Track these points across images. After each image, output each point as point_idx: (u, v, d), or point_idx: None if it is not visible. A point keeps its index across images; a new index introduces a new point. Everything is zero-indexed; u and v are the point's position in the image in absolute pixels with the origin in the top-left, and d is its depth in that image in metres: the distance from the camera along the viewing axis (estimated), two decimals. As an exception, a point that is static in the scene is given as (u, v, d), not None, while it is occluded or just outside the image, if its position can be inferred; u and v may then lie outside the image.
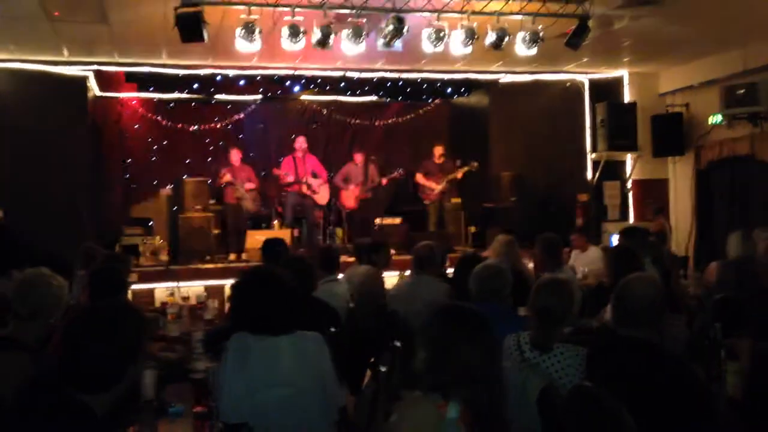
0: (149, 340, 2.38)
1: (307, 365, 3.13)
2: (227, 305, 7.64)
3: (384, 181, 10.83)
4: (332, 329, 4.51)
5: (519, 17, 7.15)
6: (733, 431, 3.14)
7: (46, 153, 9.12)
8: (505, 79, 10.96)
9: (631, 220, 10.89)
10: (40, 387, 2.21)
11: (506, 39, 7.17)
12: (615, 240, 8.50)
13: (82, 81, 9.70)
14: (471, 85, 11.68)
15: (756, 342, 3.48)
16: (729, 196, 9.76)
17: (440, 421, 2.14)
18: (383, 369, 3.81)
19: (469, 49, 7.24)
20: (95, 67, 9.65)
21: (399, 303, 5.48)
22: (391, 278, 7.62)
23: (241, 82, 10.60)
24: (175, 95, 10.98)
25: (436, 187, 10.58)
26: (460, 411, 2.16)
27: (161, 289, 8.52)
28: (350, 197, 10.64)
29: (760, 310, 4.11)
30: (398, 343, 4.15)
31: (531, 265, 7.72)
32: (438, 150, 10.83)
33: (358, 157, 10.76)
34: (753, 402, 3.13)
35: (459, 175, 10.63)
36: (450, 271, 6.63)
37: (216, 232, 10.11)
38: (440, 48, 7.15)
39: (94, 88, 10.35)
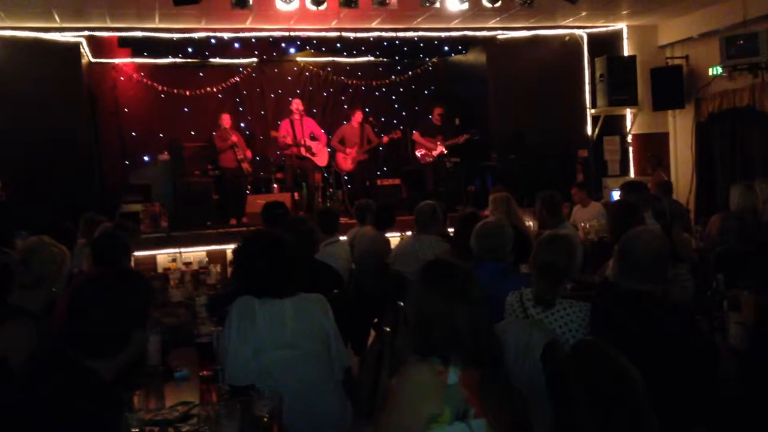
0: (154, 306, 2.37)
1: (311, 327, 3.14)
2: (229, 270, 7.69)
3: (385, 138, 10.77)
4: (335, 291, 4.52)
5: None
6: (735, 381, 3.16)
7: (43, 121, 9.06)
8: (503, 35, 10.84)
9: (632, 174, 10.86)
10: (47, 354, 2.21)
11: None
12: (616, 195, 8.51)
13: (75, 47, 9.59)
14: (468, 43, 11.54)
15: (759, 294, 3.49)
16: (730, 148, 9.71)
17: (443, 387, 2.12)
18: (387, 329, 3.82)
19: (465, 5, 7.15)
20: (87, 33, 9.54)
21: (401, 263, 5.49)
22: (393, 239, 7.64)
23: (236, 45, 10.47)
24: (170, 60, 10.86)
25: (434, 147, 10.51)
26: (459, 376, 2.14)
27: (163, 256, 8.54)
28: (347, 159, 10.58)
29: (762, 262, 4.12)
30: (401, 303, 4.16)
31: (532, 223, 7.73)
32: (438, 110, 10.74)
33: (356, 118, 10.68)
34: (756, 354, 3.14)
35: (460, 141, 10.57)
36: (451, 230, 6.64)
37: (215, 197, 10.09)
38: (437, 4, 7.05)
39: (87, 55, 10.24)
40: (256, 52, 11.13)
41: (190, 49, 10.38)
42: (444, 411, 2.10)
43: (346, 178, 11.03)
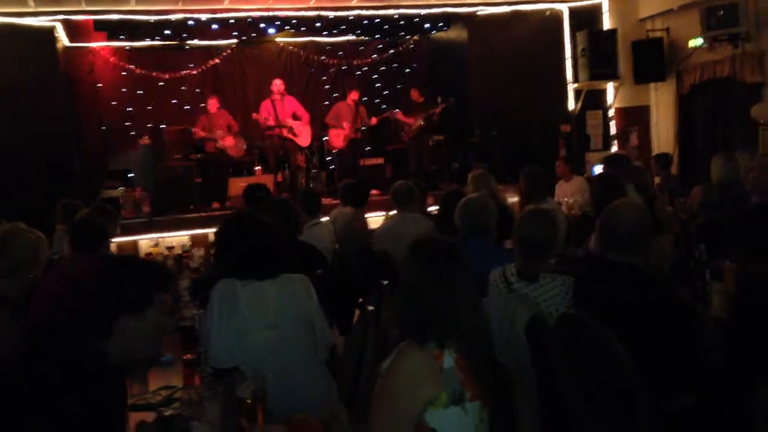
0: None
1: (294, 307, 3.12)
2: (212, 253, 7.64)
3: (374, 120, 10.71)
4: (318, 271, 4.50)
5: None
6: (718, 351, 3.17)
7: (19, 107, 8.94)
8: (484, 11, 10.78)
9: (614, 149, 10.89)
10: (46, 336, 2.13)
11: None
12: (598, 170, 8.51)
13: (49, 32, 9.45)
14: (449, 20, 11.48)
15: (741, 265, 3.50)
16: (711, 120, 9.74)
17: (439, 372, 2.10)
18: (371, 308, 3.81)
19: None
20: (62, 16, 9.39)
21: (384, 242, 5.48)
22: (377, 218, 7.63)
23: (214, 26, 10.34)
24: (148, 42, 10.72)
25: (413, 123, 10.47)
26: (455, 359, 2.12)
27: (145, 241, 8.47)
28: (339, 136, 10.50)
29: (743, 233, 4.14)
30: (385, 282, 4.15)
31: (516, 199, 7.73)
32: (414, 93, 10.70)
33: (352, 96, 10.57)
34: (738, 324, 3.15)
35: (437, 111, 10.52)
36: (434, 208, 6.63)
37: (198, 180, 10.01)
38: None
39: (63, 39, 10.09)
40: (234, 33, 11.01)
41: (167, 32, 10.26)
42: (441, 395, 2.09)
43: (329, 158, 10.98)
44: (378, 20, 10.84)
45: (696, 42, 9.44)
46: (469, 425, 2.12)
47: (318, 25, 10.76)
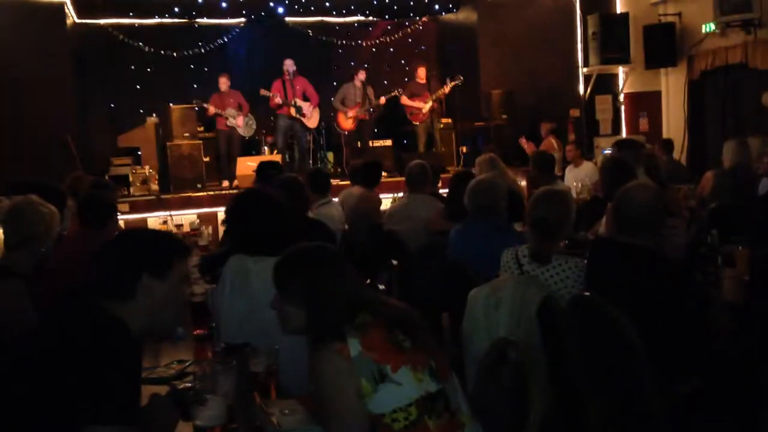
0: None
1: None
2: (221, 231, 7.65)
3: (382, 100, 10.66)
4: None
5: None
6: (730, 335, 3.17)
7: (28, 84, 8.94)
8: (495, -7, 10.72)
9: (624, 134, 10.84)
10: (71, 302, 2.11)
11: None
12: (608, 154, 8.47)
13: (59, 7, 9.42)
14: (459, 2, 11.41)
15: (753, 250, 3.49)
16: (722, 106, 9.69)
17: (349, 364, 2.07)
18: (381, 287, 3.81)
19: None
20: (72, -8, 9.38)
21: (394, 223, 5.47)
22: (385, 200, 7.61)
23: (224, 5, 10.31)
24: (157, 20, 10.68)
25: (424, 106, 10.42)
26: (360, 342, 2.09)
27: (153, 219, 8.49)
28: (348, 119, 10.47)
29: (756, 218, 4.13)
30: (394, 262, 4.15)
31: (523, 183, 7.71)
32: (421, 71, 10.63)
33: (359, 76, 10.53)
34: (752, 308, 3.15)
35: (446, 90, 10.46)
36: (443, 191, 6.61)
37: (206, 159, 10.01)
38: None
39: (72, 15, 10.06)
40: (243, 12, 10.96)
41: (176, 9, 10.23)
42: (361, 384, 2.06)
43: (337, 140, 10.95)
44: (387, 1, 10.78)
45: (708, 27, 9.36)
46: (411, 390, 2.08)
47: (327, 5, 10.70)
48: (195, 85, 11.15)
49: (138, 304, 2.06)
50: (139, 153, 10.12)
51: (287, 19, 11.68)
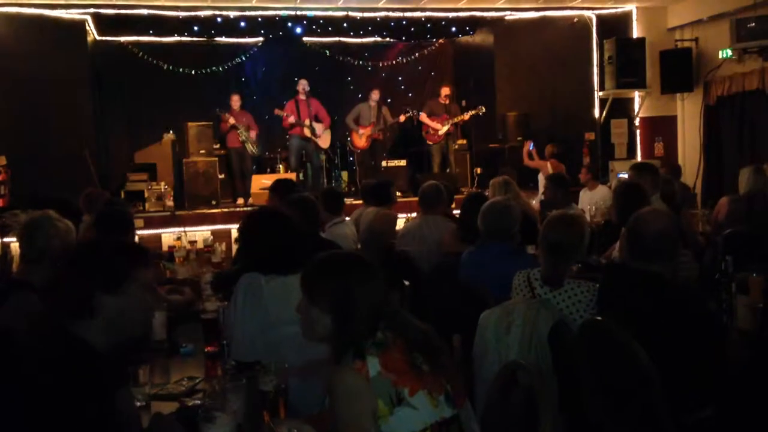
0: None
1: (317, 303, 3.12)
2: (234, 248, 7.68)
3: (402, 118, 10.69)
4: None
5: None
6: (744, 364, 3.14)
7: (48, 100, 9.05)
8: (511, 16, 10.75)
9: (639, 158, 10.81)
10: (37, 325, 2.16)
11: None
12: (623, 177, 8.45)
13: (80, 25, 9.55)
14: (476, 24, 11.46)
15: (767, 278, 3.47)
16: (738, 132, 9.65)
17: (367, 384, 2.05)
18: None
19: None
20: (93, 10, 9.50)
21: (407, 243, 5.47)
22: (399, 220, 7.60)
23: (242, 24, 10.42)
24: (176, 39, 10.80)
25: (441, 128, 10.45)
26: (380, 362, 2.07)
27: (168, 235, 8.54)
28: (362, 137, 10.52)
29: (771, 244, 4.10)
30: (407, 282, 4.15)
31: (535, 202, 7.70)
32: (445, 90, 10.65)
33: (374, 96, 10.59)
34: (766, 336, 3.12)
35: (466, 117, 10.49)
36: (457, 212, 6.60)
37: (221, 176, 10.07)
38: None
39: (93, 33, 10.19)
40: (262, 32, 11.07)
41: (195, 28, 10.34)
42: (378, 405, 2.04)
43: (351, 159, 10.98)
44: (405, 22, 10.86)
45: (725, 53, 9.36)
46: (427, 415, 2.06)
47: (345, 25, 10.78)
48: (212, 103, 11.23)
49: (98, 322, 2.08)
50: (156, 169, 10.20)
51: (305, 39, 11.78)
